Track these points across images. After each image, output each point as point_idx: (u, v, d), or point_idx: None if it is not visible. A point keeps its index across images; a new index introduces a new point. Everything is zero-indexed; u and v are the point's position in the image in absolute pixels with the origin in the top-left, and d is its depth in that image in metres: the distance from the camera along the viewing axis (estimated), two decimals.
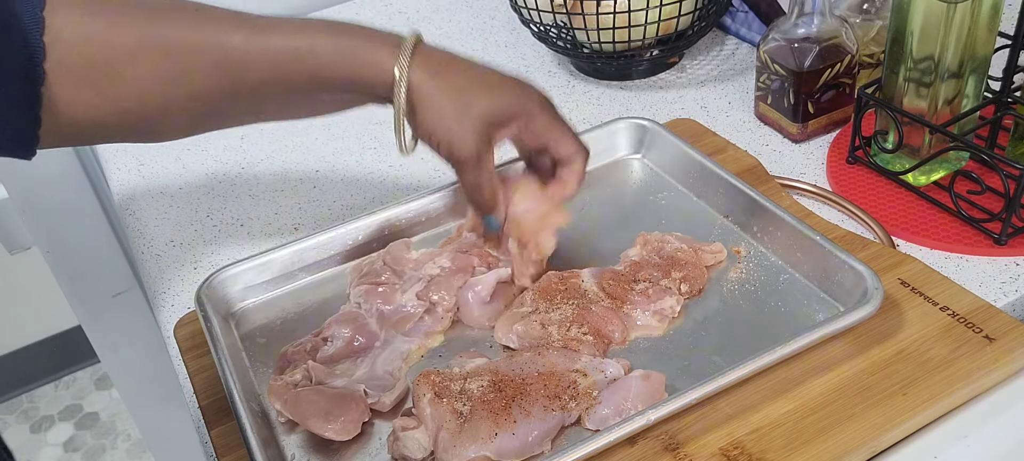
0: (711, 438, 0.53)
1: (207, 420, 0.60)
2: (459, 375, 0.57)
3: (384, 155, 0.88)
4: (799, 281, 0.63)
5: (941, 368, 0.55)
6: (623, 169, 0.77)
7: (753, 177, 0.73)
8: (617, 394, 0.55)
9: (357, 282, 0.66)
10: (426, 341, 0.63)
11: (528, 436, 0.53)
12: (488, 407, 0.54)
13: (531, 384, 0.56)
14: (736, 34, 1.00)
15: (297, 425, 0.58)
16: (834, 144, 0.80)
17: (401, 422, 0.55)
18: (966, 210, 0.68)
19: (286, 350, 0.63)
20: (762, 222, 0.66)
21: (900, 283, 0.61)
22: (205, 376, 0.63)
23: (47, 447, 1.97)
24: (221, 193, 0.86)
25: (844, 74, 0.79)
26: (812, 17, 0.77)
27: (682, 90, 0.92)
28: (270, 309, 0.68)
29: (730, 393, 0.55)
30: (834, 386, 0.55)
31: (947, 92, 0.68)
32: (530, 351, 0.59)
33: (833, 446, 0.52)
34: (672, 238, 0.67)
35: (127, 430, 1.97)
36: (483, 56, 1.03)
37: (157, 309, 0.74)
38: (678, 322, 0.62)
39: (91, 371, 2.12)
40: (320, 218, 0.80)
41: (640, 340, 0.61)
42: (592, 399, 0.56)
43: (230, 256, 0.77)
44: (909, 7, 0.66)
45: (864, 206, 0.72)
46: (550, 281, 0.64)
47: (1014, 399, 0.55)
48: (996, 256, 0.66)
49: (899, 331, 0.58)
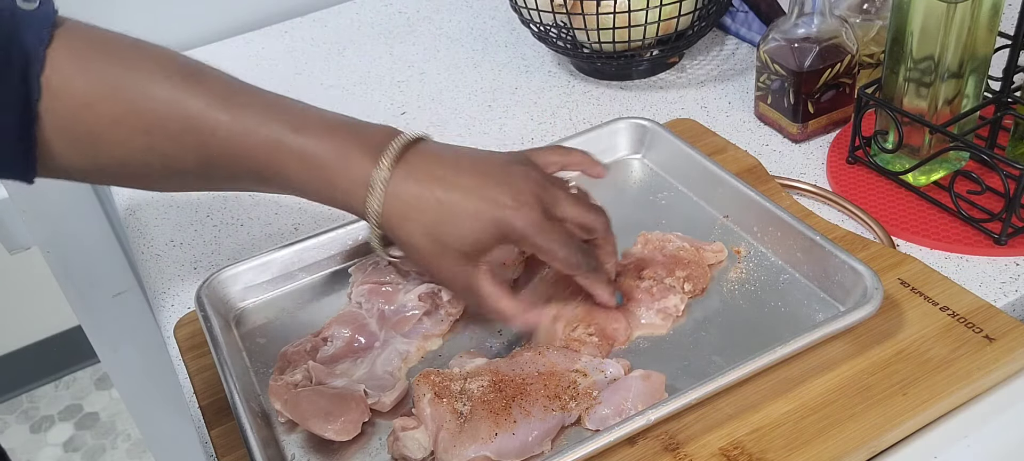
0: (711, 438, 0.53)
1: (207, 420, 0.60)
2: (459, 375, 0.57)
3: None
4: (799, 281, 0.63)
5: (941, 368, 0.55)
6: (623, 169, 0.77)
7: (753, 177, 0.73)
8: (617, 394, 0.55)
9: (360, 282, 0.66)
10: (425, 343, 0.63)
11: (528, 436, 0.53)
12: (488, 407, 0.54)
13: (531, 384, 0.56)
14: (736, 34, 1.00)
15: (297, 425, 0.58)
16: (834, 144, 0.80)
17: (401, 422, 0.55)
18: (966, 210, 0.68)
19: (286, 350, 0.62)
20: (762, 222, 0.66)
21: (900, 283, 0.61)
22: (205, 376, 0.63)
23: (47, 447, 1.97)
24: (221, 193, 0.86)
25: (844, 74, 0.79)
26: (812, 17, 0.77)
27: (682, 90, 0.92)
28: (270, 309, 0.68)
29: (730, 393, 0.55)
30: (834, 386, 0.55)
31: (947, 92, 0.68)
32: (531, 351, 0.59)
33: (833, 446, 0.52)
34: (673, 237, 0.67)
35: (127, 430, 1.97)
36: (483, 56, 1.03)
37: (157, 309, 0.74)
38: (679, 322, 0.62)
39: (91, 371, 2.12)
40: (320, 218, 0.80)
41: (641, 340, 0.61)
42: (592, 399, 0.56)
43: (230, 256, 0.77)
44: (909, 7, 0.66)
45: (864, 206, 0.72)
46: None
47: (1014, 399, 0.55)
48: (996, 256, 0.66)
49: (899, 331, 0.58)
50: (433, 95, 0.98)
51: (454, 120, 0.93)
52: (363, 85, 1.01)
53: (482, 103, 0.95)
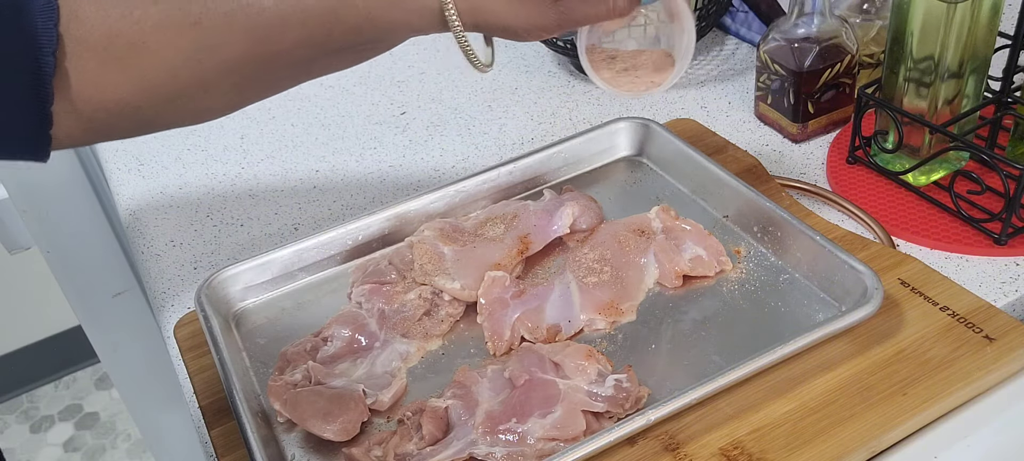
0: (711, 438, 0.53)
1: (207, 420, 0.60)
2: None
3: (384, 155, 0.88)
4: (799, 281, 0.63)
5: (941, 368, 0.55)
6: (623, 169, 0.77)
7: (753, 177, 0.73)
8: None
9: (360, 281, 0.66)
10: (425, 343, 0.63)
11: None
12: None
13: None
14: (736, 34, 1.00)
15: (297, 425, 0.58)
16: (834, 144, 0.80)
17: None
18: (966, 210, 0.68)
19: (286, 350, 0.62)
20: (762, 222, 0.66)
21: (900, 283, 0.61)
22: (205, 376, 0.63)
23: (47, 447, 1.97)
24: (221, 193, 0.86)
25: (844, 74, 0.79)
26: (812, 17, 0.77)
27: (682, 90, 0.92)
28: (270, 309, 0.68)
29: (730, 393, 0.55)
30: (834, 386, 0.55)
31: (947, 92, 0.68)
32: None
33: (833, 446, 0.52)
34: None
35: (127, 430, 1.97)
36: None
37: (157, 309, 0.74)
38: (679, 322, 0.62)
39: (91, 371, 2.12)
40: (320, 218, 0.81)
41: (640, 340, 0.61)
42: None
43: (230, 256, 0.77)
44: (909, 7, 0.66)
45: (864, 206, 0.72)
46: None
47: (1014, 399, 0.55)
48: (996, 256, 0.66)
49: (899, 331, 0.58)
50: (433, 95, 0.98)
51: (454, 120, 0.93)
52: (363, 85, 1.01)
53: (482, 103, 0.95)
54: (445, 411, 0.56)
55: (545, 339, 0.61)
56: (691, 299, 0.64)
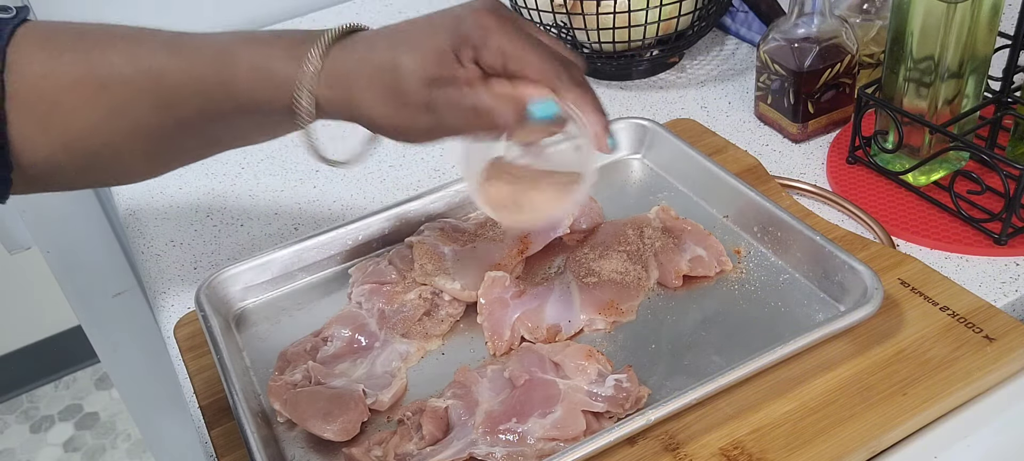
0: (711, 438, 0.53)
1: (207, 420, 0.60)
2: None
3: (384, 155, 0.88)
4: (799, 281, 0.63)
5: (941, 368, 0.55)
6: (623, 169, 0.77)
7: (753, 177, 0.73)
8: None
9: (360, 282, 0.66)
10: (425, 343, 0.63)
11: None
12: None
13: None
14: (736, 34, 1.00)
15: (297, 425, 0.58)
16: (834, 144, 0.80)
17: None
18: (966, 210, 0.68)
19: (286, 350, 0.62)
20: (762, 222, 0.66)
21: (900, 283, 0.61)
22: (205, 376, 0.63)
23: (47, 447, 1.97)
24: (221, 193, 0.86)
25: (844, 74, 0.79)
26: (812, 17, 0.77)
27: (682, 90, 0.92)
28: (270, 309, 0.68)
29: (730, 393, 0.55)
30: (834, 386, 0.55)
31: (947, 92, 0.68)
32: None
33: (833, 446, 0.52)
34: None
35: (127, 430, 1.97)
36: None
37: (157, 309, 0.74)
38: (678, 322, 0.62)
39: (91, 371, 2.12)
40: (320, 218, 0.80)
41: (639, 339, 0.61)
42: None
43: (230, 256, 0.77)
44: (909, 7, 0.66)
45: (864, 206, 0.72)
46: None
47: (1014, 399, 0.55)
48: (996, 256, 0.66)
49: (899, 331, 0.58)
50: None
51: None
52: None
53: None
54: (445, 411, 0.56)
55: (545, 339, 0.61)
56: (691, 299, 0.64)
